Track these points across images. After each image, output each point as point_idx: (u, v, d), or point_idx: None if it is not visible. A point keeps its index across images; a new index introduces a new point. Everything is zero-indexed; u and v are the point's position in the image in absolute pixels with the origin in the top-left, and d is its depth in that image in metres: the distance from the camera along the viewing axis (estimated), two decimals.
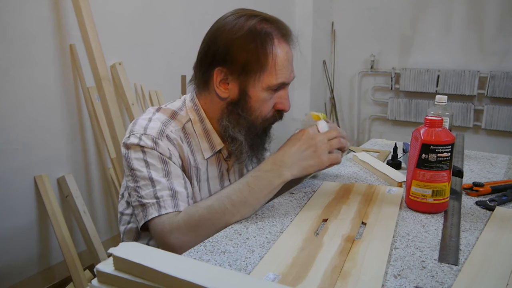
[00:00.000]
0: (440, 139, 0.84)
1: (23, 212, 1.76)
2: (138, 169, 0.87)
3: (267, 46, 0.88)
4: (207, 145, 0.96)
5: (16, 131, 1.71)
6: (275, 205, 0.93)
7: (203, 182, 0.97)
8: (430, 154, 0.85)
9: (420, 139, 0.85)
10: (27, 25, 1.69)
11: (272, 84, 0.90)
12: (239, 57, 0.87)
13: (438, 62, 3.12)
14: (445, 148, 0.84)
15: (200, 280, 0.50)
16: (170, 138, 0.90)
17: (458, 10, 2.99)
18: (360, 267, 0.66)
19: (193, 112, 0.96)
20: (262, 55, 0.88)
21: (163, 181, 0.86)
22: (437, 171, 0.85)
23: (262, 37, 0.88)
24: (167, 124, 0.93)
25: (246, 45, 0.87)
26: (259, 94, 0.90)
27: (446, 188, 0.87)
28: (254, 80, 0.89)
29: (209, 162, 0.97)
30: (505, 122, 2.92)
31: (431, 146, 0.85)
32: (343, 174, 1.15)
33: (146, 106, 2.20)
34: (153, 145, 0.88)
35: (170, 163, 0.89)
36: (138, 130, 0.90)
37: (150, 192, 0.85)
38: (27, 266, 1.81)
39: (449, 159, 0.85)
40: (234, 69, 0.88)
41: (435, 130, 0.86)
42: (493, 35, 2.91)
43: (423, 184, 0.86)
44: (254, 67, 0.88)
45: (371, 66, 3.38)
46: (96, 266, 0.57)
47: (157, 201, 0.85)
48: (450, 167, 0.87)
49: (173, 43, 2.35)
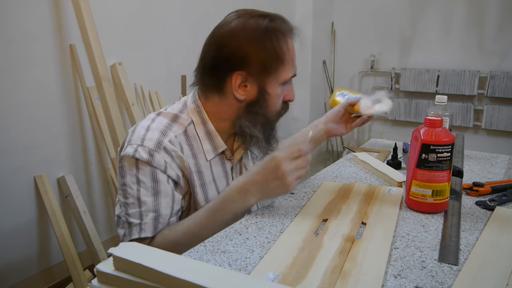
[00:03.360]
0: (440, 139, 0.84)
1: (23, 212, 1.76)
2: (129, 186, 0.88)
3: (281, 43, 0.90)
4: (210, 147, 0.96)
5: (16, 131, 1.71)
6: (275, 205, 0.93)
7: (208, 184, 0.96)
8: (430, 154, 0.85)
9: (420, 139, 0.85)
10: (27, 25, 1.69)
11: (287, 78, 0.94)
12: (258, 58, 0.89)
13: (438, 62, 3.12)
14: (445, 148, 0.84)
15: (200, 280, 0.50)
16: (168, 150, 0.89)
17: (458, 10, 2.99)
18: (360, 267, 0.66)
19: (195, 114, 0.96)
20: (280, 52, 0.90)
21: (149, 202, 0.87)
22: (437, 171, 0.85)
23: (277, 35, 0.90)
24: (166, 132, 0.92)
25: (263, 45, 0.89)
26: (276, 90, 0.93)
27: (446, 188, 0.87)
28: (274, 78, 0.92)
29: (212, 163, 0.97)
30: (505, 122, 2.92)
31: (431, 146, 0.84)
32: (343, 174, 1.14)
33: (146, 106, 2.20)
34: (149, 158, 0.87)
35: (161, 181, 0.88)
36: (135, 140, 0.89)
37: (136, 212, 0.87)
38: (27, 266, 1.81)
39: (449, 159, 0.85)
40: (254, 71, 0.90)
41: (435, 130, 0.85)
42: (493, 35, 2.91)
43: (423, 184, 0.86)
44: (274, 65, 0.90)
45: (371, 66, 3.39)
46: (96, 266, 0.57)
47: (140, 223, 0.87)
48: (450, 167, 0.87)
49: (173, 43, 2.35)
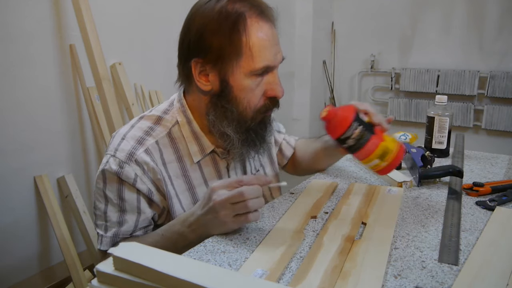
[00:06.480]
0: (343, 125, 0.83)
1: (23, 212, 1.76)
2: (98, 199, 0.88)
3: (239, 27, 0.79)
4: (197, 148, 0.91)
5: (16, 131, 1.71)
6: (275, 205, 0.93)
7: (198, 187, 0.92)
8: (348, 141, 0.85)
9: (333, 138, 0.87)
10: (27, 25, 1.69)
11: (253, 69, 0.81)
12: (212, 44, 0.80)
13: (438, 62, 3.12)
14: (352, 129, 0.83)
15: (200, 280, 0.50)
16: (139, 162, 0.84)
17: (458, 10, 2.99)
18: (360, 267, 0.66)
19: (180, 113, 0.91)
20: (235, 38, 0.79)
21: (114, 219, 0.87)
22: (365, 146, 0.84)
23: (233, 18, 0.79)
24: (144, 139, 0.87)
25: (217, 29, 0.79)
26: (242, 82, 0.82)
27: (387, 146, 0.85)
28: (233, 67, 0.81)
29: (203, 165, 0.92)
30: (505, 122, 2.92)
31: (341, 137, 0.84)
32: (343, 174, 1.15)
33: (146, 106, 2.20)
34: (118, 169, 0.84)
35: (127, 199, 0.85)
36: (110, 150, 0.87)
37: (102, 224, 0.88)
38: (27, 266, 1.81)
39: (364, 129, 0.84)
40: (210, 58, 0.81)
41: (333, 121, 0.85)
42: (493, 35, 2.91)
43: (368, 160, 0.86)
44: (229, 53, 0.80)
45: (371, 66, 3.38)
46: (96, 266, 0.57)
47: (102, 235, 0.88)
48: (372, 130, 0.85)
49: (173, 43, 2.34)
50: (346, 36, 3.48)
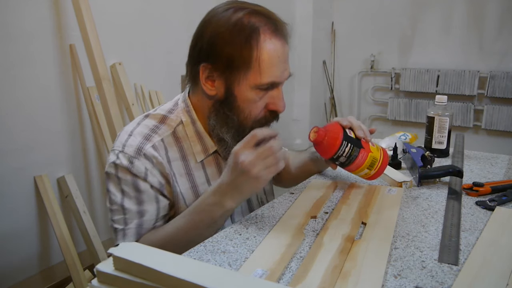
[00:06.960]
0: (334, 146, 0.89)
1: (23, 212, 1.76)
2: (114, 193, 0.88)
3: (252, 42, 0.81)
4: (200, 148, 0.92)
5: (16, 131, 1.71)
6: (275, 205, 0.93)
7: (201, 185, 0.93)
8: (339, 159, 0.91)
9: (325, 158, 0.93)
10: (27, 25, 1.69)
11: (260, 84, 0.83)
12: (223, 53, 0.82)
13: (438, 62, 3.12)
14: (343, 148, 0.89)
15: (200, 280, 0.50)
16: (148, 156, 0.86)
17: (458, 10, 2.99)
18: (360, 267, 0.66)
19: (185, 113, 0.92)
20: (246, 51, 0.81)
21: (133, 210, 0.87)
22: (355, 160, 0.91)
23: (248, 32, 0.81)
24: (150, 136, 0.89)
25: (230, 39, 0.81)
26: (246, 94, 0.84)
27: (374, 156, 0.92)
28: (239, 78, 0.83)
29: (206, 164, 0.94)
30: (505, 122, 2.92)
31: (333, 156, 0.90)
32: (343, 174, 1.14)
33: (146, 106, 2.20)
34: (128, 164, 0.85)
35: (142, 191, 0.86)
36: (117, 146, 0.88)
37: (120, 218, 0.87)
38: (27, 266, 1.81)
39: (352, 146, 0.89)
40: (219, 65, 0.83)
41: (323, 144, 0.89)
42: (493, 35, 2.91)
43: (358, 171, 0.93)
44: (238, 64, 0.82)
45: (371, 66, 3.39)
46: (96, 266, 0.57)
47: (123, 228, 0.87)
48: (360, 144, 0.91)
49: (173, 43, 2.35)
50: (346, 36, 3.48)
